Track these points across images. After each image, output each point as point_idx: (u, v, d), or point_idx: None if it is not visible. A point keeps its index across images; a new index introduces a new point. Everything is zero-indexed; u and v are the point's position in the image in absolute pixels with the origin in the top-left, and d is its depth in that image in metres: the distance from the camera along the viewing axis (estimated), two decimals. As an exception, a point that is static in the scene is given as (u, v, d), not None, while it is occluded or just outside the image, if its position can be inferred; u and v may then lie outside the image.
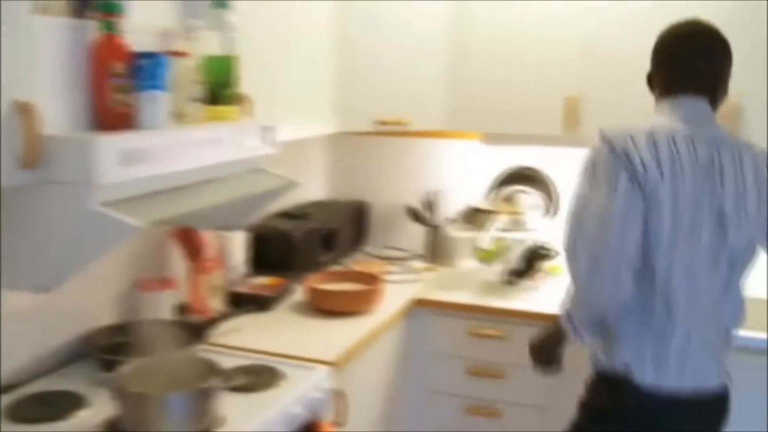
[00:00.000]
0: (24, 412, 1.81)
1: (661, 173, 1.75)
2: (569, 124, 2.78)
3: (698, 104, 1.88)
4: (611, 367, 1.90)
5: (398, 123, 2.88)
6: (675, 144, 1.79)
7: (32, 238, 1.53)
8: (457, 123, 2.98)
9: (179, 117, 1.72)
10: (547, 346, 2.11)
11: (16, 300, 1.92)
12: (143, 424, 1.67)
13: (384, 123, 2.85)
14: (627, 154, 1.76)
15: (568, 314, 1.91)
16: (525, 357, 2.65)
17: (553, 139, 2.87)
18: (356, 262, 3.20)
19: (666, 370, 1.83)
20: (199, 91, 1.79)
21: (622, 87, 2.71)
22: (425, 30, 2.92)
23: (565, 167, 3.17)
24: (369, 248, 3.43)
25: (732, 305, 1.91)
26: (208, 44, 1.82)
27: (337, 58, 2.74)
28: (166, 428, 1.66)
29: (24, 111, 1.39)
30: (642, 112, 2.00)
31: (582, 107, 2.78)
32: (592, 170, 1.80)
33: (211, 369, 1.80)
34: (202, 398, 1.73)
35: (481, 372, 2.76)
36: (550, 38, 2.80)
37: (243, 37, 2.00)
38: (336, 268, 3.06)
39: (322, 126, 2.73)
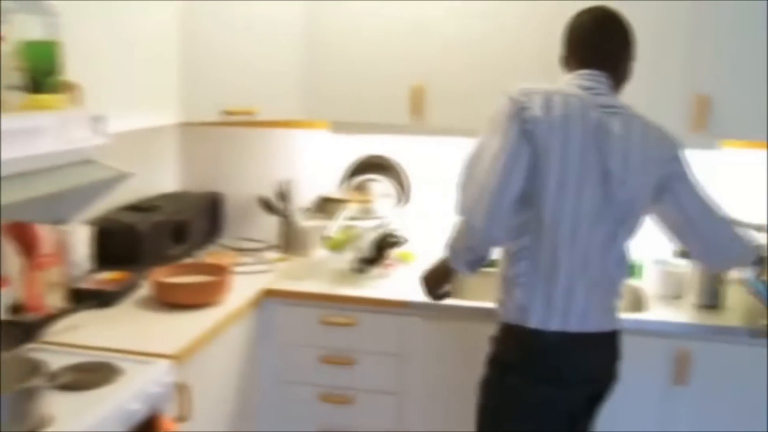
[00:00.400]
0: None
1: (551, 128, 1.92)
2: (415, 113, 2.83)
3: (597, 77, 2.05)
4: (509, 316, 2.06)
5: (246, 112, 2.84)
6: (568, 105, 1.96)
7: None
8: (307, 112, 2.97)
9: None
10: (436, 276, 2.27)
11: None
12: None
13: (231, 113, 2.81)
14: (522, 109, 1.93)
15: (450, 244, 2.11)
16: (377, 344, 2.73)
17: (401, 128, 2.91)
18: (209, 254, 3.15)
19: (553, 313, 1.99)
20: (18, 78, 1.71)
21: (465, 75, 2.80)
22: (273, 18, 2.89)
23: (415, 155, 3.25)
24: (224, 240, 3.39)
25: (616, 258, 2.07)
26: (28, 29, 1.74)
27: (181, 46, 2.67)
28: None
29: None
30: (486, 99, 2.09)
31: (426, 95, 2.84)
32: (492, 123, 1.96)
33: (34, 368, 1.73)
34: (24, 399, 1.66)
35: (334, 360, 2.78)
36: (395, 27, 2.83)
37: (73, 23, 1.94)
38: (188, 260, 3.01)
39: (165, 116, 2.67)
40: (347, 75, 2.91)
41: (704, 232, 2.14)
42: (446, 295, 2.32)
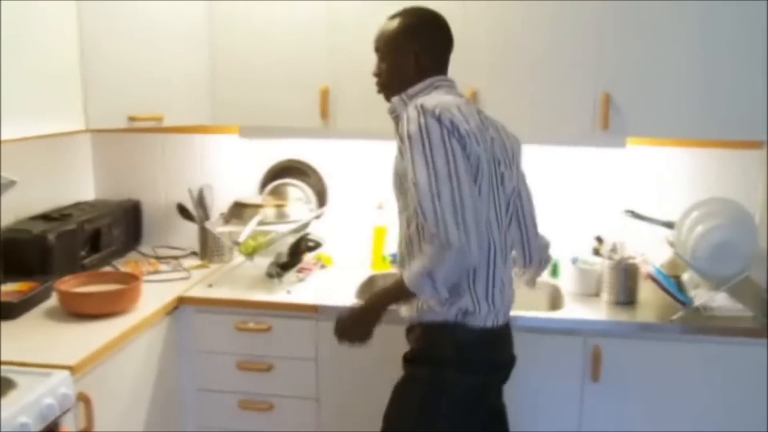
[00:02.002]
0: None
1: (477, 140, 1.99)
2: (324, 116, 2.82)
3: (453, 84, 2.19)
4: (446, 316, 2.07)
5: (153, 119, 2.81)
6: (478, 114, 2.09)
7: None
8: (213, 117, 2.94)
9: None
10: (369, 318, 2.14)
11: None
12: None
13: (137, 119, 2.77)
14: (453, 125, 1.94)
15: (430, 274, 1.94)
16: (293, 349, 2.71)
17: (311, 131, 2.90)
18: (127, 263, 3.11)
19: (492, 310, 2.08)
20: None
21: (369, 76, 2.78)
22: (175, 22, 2.85)
23: (330, 158, 3.24)
24: (144, 248, 3.34)
25: (511, 244, 2.22)
26: None
27: (81, 52, 2.62)
28: None
29: None
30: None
31: (333, 98, 2.83)
32: (424, 142, 1.93)
33: None
34: None
35: (251, 366, 2.76)
36: (300, 29, 2.82)
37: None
38: (105, 269, 2.96)
39: (70, 123, 2.61)
40: (253, 79, 2.88)
41: (531, 228, 2.30)
42: (370, 337, 2.16)
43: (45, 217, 2.89)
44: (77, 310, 2.46)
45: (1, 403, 1.86)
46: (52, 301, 2.59)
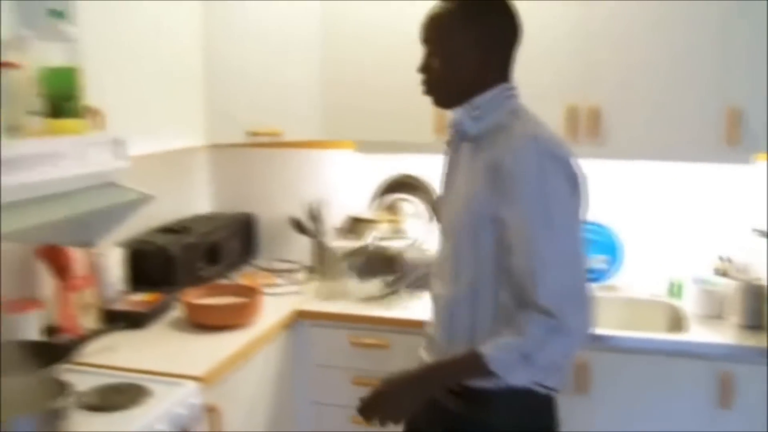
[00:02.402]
0: None
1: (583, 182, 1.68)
2: (438, 131, 2.80)
3: None
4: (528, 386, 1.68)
5: (272, 134, 2.86)
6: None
7: None
8: (330, 132, 2.98)
9: (15, 130, 1.67)
10: (420, 392, 1.72)
11: None
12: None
13: (257, 134, 2.82)
14: (574, 173, 1.63)
15: (529, 358, 1.56)
16: (408, 365, 2.68)
17: (425, 147, 2.89)
18: (243, 276, 3.16)
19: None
20: (38, 103, 1.74)
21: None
22: (296, 39, 2.90)
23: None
24: (258, 261, 3.40)
25: None
26: (48, 56, 1.77)
27: (205, 68, 2.70)
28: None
29: None
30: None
31: (448, 113, 2.81)
32: (546, 193, 1.57)
33: (61, 389, 1.75)
34: (51, 420, 1.68)
35: (366, 381, 2.75)
36: (415, 45, 2.82)
37: (95, 49, 1.97)
38: (221, 282, 3.02)
39: (192, 138, 2.69)
40: (369, 94, 2.89)
41: None
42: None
43: (167, 229, 2.97)
44: (202, 322, 2.52)
45: (138, 411, 1.91)
46: (176, 311, 2.65)
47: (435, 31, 1.72)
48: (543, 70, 2.67)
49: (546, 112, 2.63)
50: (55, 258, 2.41)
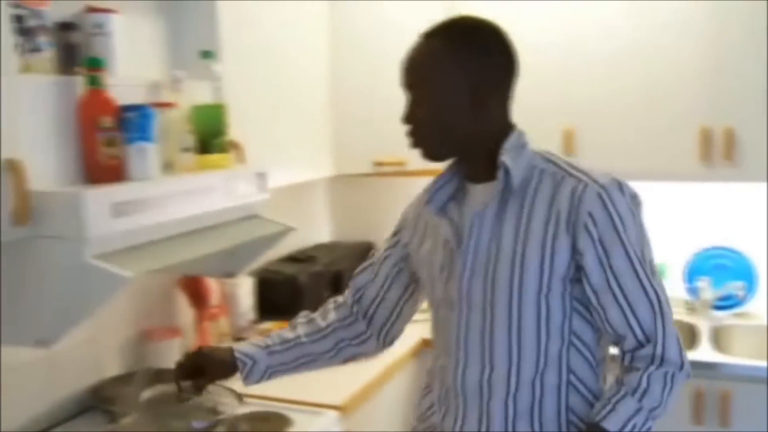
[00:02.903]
0: (29, 466, 1.82)
1: None
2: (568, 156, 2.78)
3: None
4: None
5: (397, 163, 2.88)
6: None
7: (29, 292, 1.55)
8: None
9: (170, 167, 1.74)
10: None
11: (21, 353, 1.94)
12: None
13: (382, 164, 2.86)
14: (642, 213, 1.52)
15: (654, 413, 1.43)
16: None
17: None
18: (365, 304, 3.18)
19: None
20: (189, 140, 1.81)
21: (617, 119, 2.75)
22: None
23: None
24: (378, 289, 3.42)
25: None
26: (197, 94, 1.85)
27: (332, 101, 2.76)
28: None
29: (12, 168, 1.42)
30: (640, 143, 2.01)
31: (577, 139, 2.79)
32: (642, 241, 1.46)
33: (214, 415, 1.80)
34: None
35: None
36: (545, 71, 2.81)
37: (233, 85, 2.04)
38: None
39: (319, 169, 2.75)
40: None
41: None
42: None
43: (292, 258, 3.03)
44: (333, 350, 2.54)
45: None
46: (305, 340, 2.69)
47: (412, 74, 1.49)
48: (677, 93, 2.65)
49: (679, 135, 2.66)
50: (194, 288, 2.50)
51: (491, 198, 1.47)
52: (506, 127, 1.49)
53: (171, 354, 2.36)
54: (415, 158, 2.87)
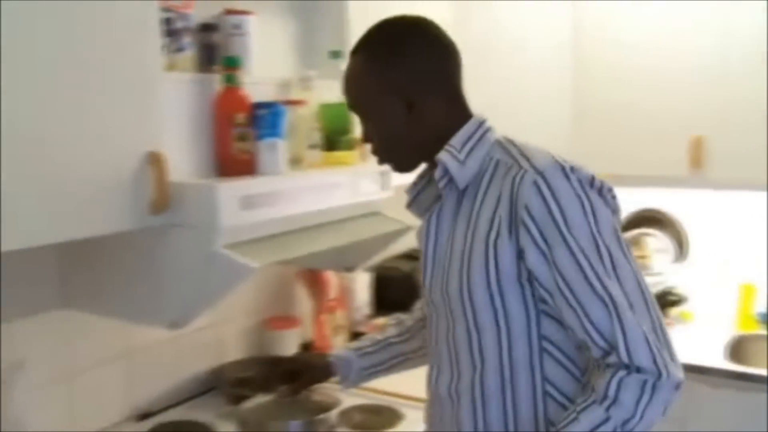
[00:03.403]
0: (157, 439, 1.94)
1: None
2: (694, 165, 2.70)
3: None
4: None
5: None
6: None
7: (164, 277, 1.64)
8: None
9: (297, 162, 1.81)
10: None
11: (151, 335, 2.07)
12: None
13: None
14: (614, 197, 1.36)
15: (627, 424, 1.24)
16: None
17: (678, 181, 2.80)
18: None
19: None
20: (316, 137, 1.88)
21: (749, 127, 2.64)
22: (540, 70, 2.92)
23: (693, 209, 3.08)
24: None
25: None
26: (325, 92, 1.91)
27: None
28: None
29: (154, 160, 1.51)
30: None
31: (707, 148, 2.70)
32: (596, 230, 1.28)
33: (328, 406, 1.86)
34: (318, 428, 1.80)
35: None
36: (675, 77, 2.75)
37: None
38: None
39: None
40: (619, 127, 2.86)
41: None
42: None
43: (408, 256, 3.07)
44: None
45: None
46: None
47: (348, 94, 1.45)
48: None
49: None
50: (313, 281, 2.58)
51: (436, 199, 1.43)
52: (459, 120, 1.41)
53: (289, 343, 2.46)
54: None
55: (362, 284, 2.78)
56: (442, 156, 1.37)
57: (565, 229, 1.25)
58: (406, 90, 1.37)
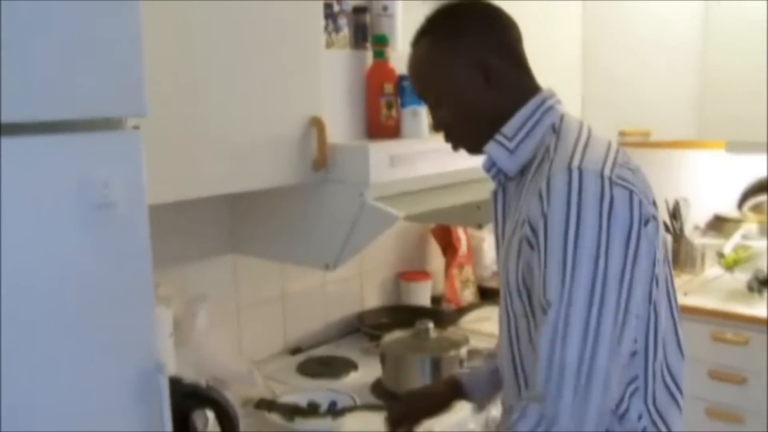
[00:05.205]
0: (310, 369, 2.25)
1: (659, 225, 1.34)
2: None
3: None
4: None
5: (641, 134, 2.99)
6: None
7: (320, 226, 1.92)
8: (703, 133, 3.03)
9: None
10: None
11: (303, 282, 2.38)
12: (401, 384, 2.02)
13: (627, 134, 2.98)
14: (642, 204, 1.23)
15: None
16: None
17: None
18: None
19: None
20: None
21: None
22: (674, 40, 3.00)
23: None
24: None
25: None
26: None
27: (581, 69, 2.92)
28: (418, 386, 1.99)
29: (316, 124, 1.78)
30: None
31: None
32: (604, 236, 1.18)
33: (458, 343, 2.10)
34: (449, 365, 2.03)
35: (723, 377, 2.80)
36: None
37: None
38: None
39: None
40: (744, 94, 2.90)
41: None
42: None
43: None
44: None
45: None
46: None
47: (420, 82, 1.44)
48: None
49: None
50: (445, 238, 2.82)
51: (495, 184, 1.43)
52: (529, 91, 1.38)
53: (421, 294, 2.72)
54: (660, 129, 3.01)
55: (490, 244, 2.99)
56: (490, 148, 1.37)
57: (542, 236, 1.19)
58: (479, 58, 1.34)
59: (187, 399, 1.43)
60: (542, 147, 1.31)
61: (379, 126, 1.94)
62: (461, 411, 1.81)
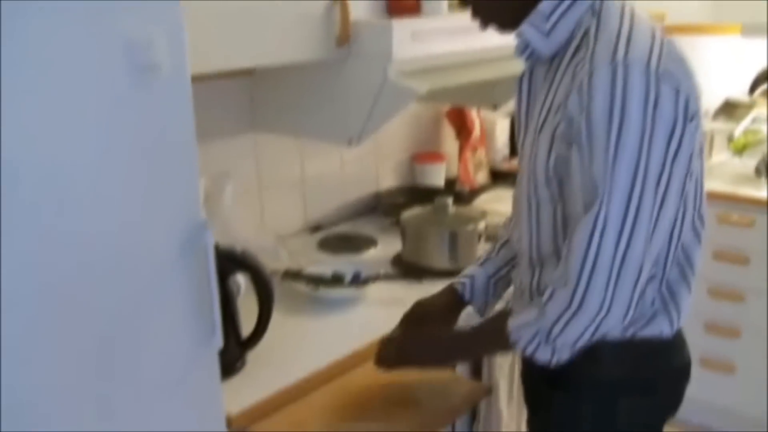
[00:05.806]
0: (331, 245, 2.33)
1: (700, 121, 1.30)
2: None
3: None
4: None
5: (657, 16, 2.97)
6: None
7: (344, 101, 1.95)
8: (717, 14, 3.02)
9: (453, 6, 2.05)
10: (431, 357, 1.52)
11: (323, 163, 2.43)
12: (421, 256, 2.10)
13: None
14: (687, 102, 1.20)
15: (548, 337, 1.27)
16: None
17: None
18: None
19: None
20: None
21: None
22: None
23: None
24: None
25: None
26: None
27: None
28: (437, 258, 2.08)
29: (339, 1, 1.79)
30: None
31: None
32: (647, 135, 1.17)
33: (475, 218, 2.17)
34: (467, 238, 2.11)
35: (727, 257, 2.89)
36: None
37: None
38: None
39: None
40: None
41: None
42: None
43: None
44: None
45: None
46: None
47: None
48: None
49: None
50: (459, 121, 2.86)
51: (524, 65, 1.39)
52: None
53: (435, 175, 2.77)
54: (675, 12, 2.99)
55: (502, 128, 3.03)
56: (525, 30, 1.30)
57: (584, 134, 1.16)
58: None
59: (226, 261, 1.50)
60: (580, 30, 1.24)
61: (400, 5, 1.95)
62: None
